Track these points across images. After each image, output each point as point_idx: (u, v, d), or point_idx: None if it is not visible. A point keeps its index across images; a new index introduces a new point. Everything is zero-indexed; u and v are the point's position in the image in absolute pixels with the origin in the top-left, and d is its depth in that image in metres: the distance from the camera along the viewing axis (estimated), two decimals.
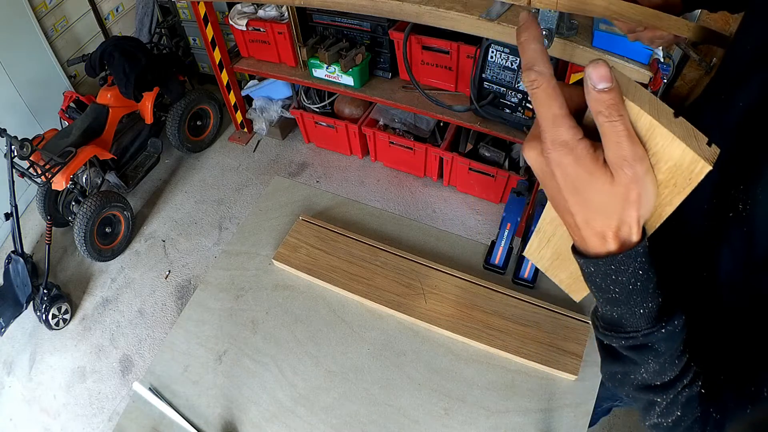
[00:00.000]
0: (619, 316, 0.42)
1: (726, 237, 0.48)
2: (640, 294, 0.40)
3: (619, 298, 0.40)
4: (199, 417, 0.85)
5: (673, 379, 0.43)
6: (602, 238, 0.38)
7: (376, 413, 0.83)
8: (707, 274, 0.52)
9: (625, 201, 0.36)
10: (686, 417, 0.45)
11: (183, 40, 2.98)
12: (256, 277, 1.02)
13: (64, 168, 2.04)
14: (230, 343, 0.93)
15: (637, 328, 0.41)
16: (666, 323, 0.41)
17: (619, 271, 0.39)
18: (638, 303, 0.40)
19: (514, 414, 0.80)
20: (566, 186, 0.37)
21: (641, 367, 0.43)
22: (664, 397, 0.44)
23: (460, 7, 1.56)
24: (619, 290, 0.40)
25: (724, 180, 0.48)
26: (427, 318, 0.91)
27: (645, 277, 0.39)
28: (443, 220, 2.34)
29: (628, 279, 0.39)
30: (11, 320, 2.15)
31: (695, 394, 0.44)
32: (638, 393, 0.46)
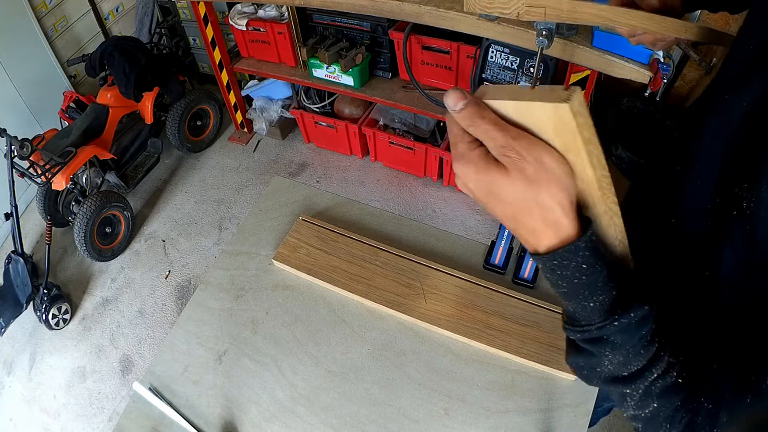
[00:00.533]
0: (573, 310, 0.43)
1: (728, 235, 0.47)
2: (588, 288, 0.40)
3: (569, 293, 0.41)
4: (199, 417, 0.85)
5: (641, 370, 0.43)
6: (534, 234, 0.39)
7: (376, 413, 0.83)
8: (709, 273, 0.52)
9: (527, 184, 0.36)
10: (664, 408, 0.44)
11: (183, 40, 2.98)
12: (256, 277, 1.02)
13: (64, 168, 2.04)
14: (230, 343, 0.93)
15: (590, 322, 0.42)
16: (620, 316, 0.40)
17: (562, 266, 0.39)
18: (587, 297, 0.41)
19: (514, 414, 0.80)
20: (482, 194, 0.39)
21: (602, 359, 0.43)
22: (634, 388, 0.44)
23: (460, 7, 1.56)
24: (566, 285, 0.40)
25: (728, 179, 0.48)
26: (427, 318, 0.91)
27: (591, 270, 0.39)
28: (443, 220, 2.34)
29: (572, 273, 0.39)
30: (11, 320, 2.15)
31: (670, 384, 0.43)
32: (607, 385, 0.46)
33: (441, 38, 1.93)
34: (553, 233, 0.38)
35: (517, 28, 1.49)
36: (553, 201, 0.37)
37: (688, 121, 0.62)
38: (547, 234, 0.38)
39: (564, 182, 0.37)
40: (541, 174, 0.36)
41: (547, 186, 0.37)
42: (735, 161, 0.48)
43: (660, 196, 0.64)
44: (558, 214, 0.37)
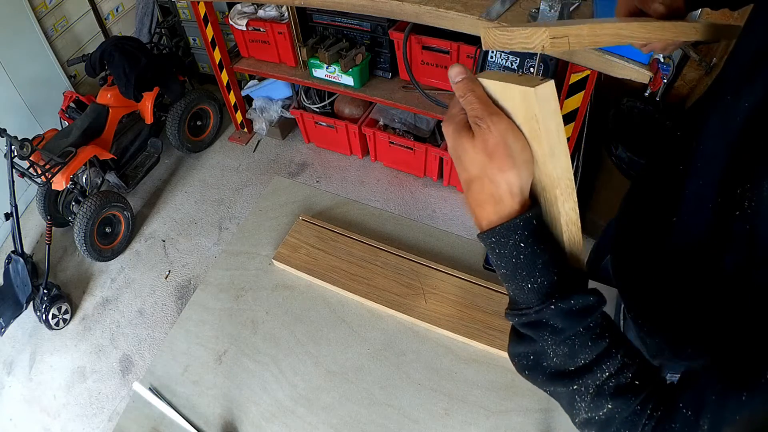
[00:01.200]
0: (513, 293, 0.43)
1: (730, 234, 0.47)
2: (526, 268, 0.41)
3: (507, 273, 0.42)
4: (199, 417, 0.85)
5: (589, 364, 0.42)
6: (480, 206, 0.41)
7: (376, 413, 0.83)
8: (710, 270, 0.52)
9: (484, 154, 0.40)
10: (620, 409, 0.42)
11: (183, 40, 2.98)
12: (256, 277, 1.02)
13: (64, 168, 2.04)
14: (230, 343, 0.93)
15: (528, 304, 0.42)
16: (558, 300, 0.40)
17: (500, 243, 0.41)
18: (524, 278, 0.41)
19: (514, 414, 0.80)
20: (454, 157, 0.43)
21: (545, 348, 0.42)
22: (583, 384, 0.42)
23: (460, 7, 1.56)
24: (504, 264, 0.42)
25: (730, 179, 0.48)
26: (427, 318, 0.91)
27: (529, 251, 0.40)
28: (443, 220, 2.34)
29: (510, 252, 0.41)
30: (11, 320, 2.15)
31: (625, 384, 0.41)
32: (554, 383, 0.44)
33: (441, 38, 1.93)
34: (494, 209, 0.41)
35: None
36: (502, 177, 0.40)
37: (690, 121, 0.62)
38: (490, 208, 0.41)
39: (518, 165, 0.40)
40: (499, 149, 0.39)
41: (500, 161, 0.39)
42: (737, 161, 0.48)
43: (661, 195, 0.64)
44: (503, 190, 0.40)
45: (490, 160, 0.39)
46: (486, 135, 0.39)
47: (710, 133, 0.52)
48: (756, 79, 0.47)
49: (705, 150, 0.53)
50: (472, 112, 0.41)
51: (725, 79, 0.55)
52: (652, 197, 0.68)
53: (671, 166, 0.62)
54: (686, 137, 0.61)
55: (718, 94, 0.53)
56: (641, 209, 0.71)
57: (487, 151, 0.39)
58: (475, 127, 0.40)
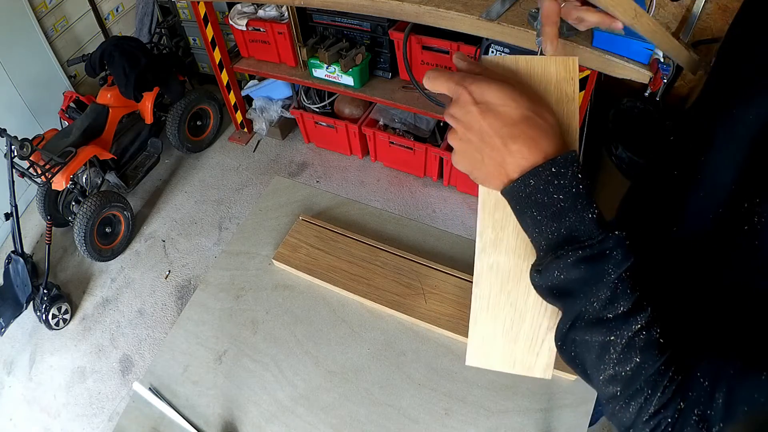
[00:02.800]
0: (568, 229, 0.41)
1: (735, 248, 0.47)
2: (585, 198, 0.41)
3: (566, 206, 0.41)
4: (199, 417, 0.85)
5: (626, 313, 0.41)
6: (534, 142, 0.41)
7: (376, 413, 0.83)
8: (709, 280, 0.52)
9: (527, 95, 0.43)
10: (647, 365, 0.41)
11: (183, 40, 2.98)
12: (256, 277, 1.02)
13: (64, 168, 2.05)
14: (230, 343, 0.93)
15: (590, 235, 0.41)
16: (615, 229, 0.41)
17: (560, 174, 0.40)
18: (585, 207, 0.41)
19: (514, 414, 0.80)
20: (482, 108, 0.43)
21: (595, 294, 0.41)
22: (618, 334, 0.41)
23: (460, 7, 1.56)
24: (563, 196, 0.40)
25: (737, 193, 0.48)
26: (427, 318, 0.91)
27: (584, 182, 0.41)
28: (443, 220, 2.34)
29: (570, 181, 0.40)
30: (11, 320, 2.15)
31: (654, 340, 0.41)
32: (591, 333, 0.42)
33: (441, 38, 1.93)
34: (547, 142, 0.42)
35: (517, 28, 1.49)
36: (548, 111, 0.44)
37: (688, 128, 0.62)
38: (547, 142, 0.41)
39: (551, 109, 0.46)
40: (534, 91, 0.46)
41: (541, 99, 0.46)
42: (745, 176, 0.47)
43: (660, 202, 0.64)
44: (553, 123, 0.43)
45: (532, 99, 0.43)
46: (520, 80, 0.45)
47: (714, 146, 0.52)
48: (764, 92, 0.46)
49: (708, 162, 0.52)
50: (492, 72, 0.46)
51: (727, 87, 0.54)
52: (650, 204, 0.68)
53: (669, 172, 0.62)
54: (685, 145, 0.60)
55: (721, 104, 0.52)
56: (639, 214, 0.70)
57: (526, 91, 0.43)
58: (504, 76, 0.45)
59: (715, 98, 0.56)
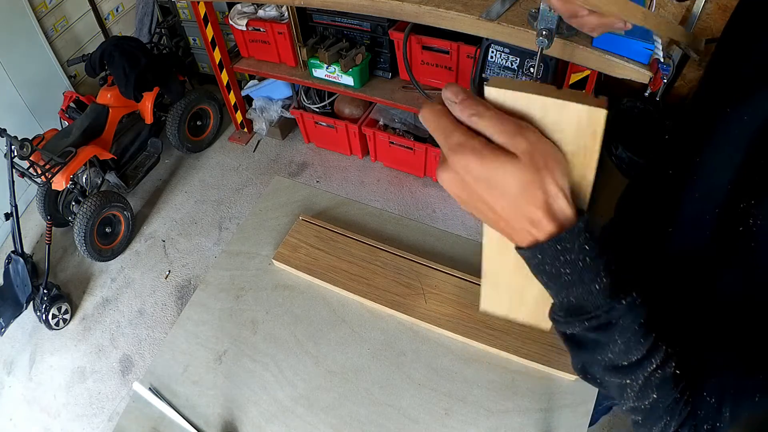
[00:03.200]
0: (576, 299, 0.42)
1: (732, 249, 0.47)
2: (592, 270, 0.40)
3: (573, 279, 0.40)
4: (199, 417, 0.85)
5: (641, 359, 0.42)
6: (537, 223, 0.39)
7: (376, 413, 0.83)
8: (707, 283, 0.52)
9: (534, 169, 0.37)
10: (664, 398, 0.44)
11: (183, 40, 2.98)
12: (256, 277, 1.02)
13: (64, 168, 2.04)
14: (230, 343, 0.93)
15: (597, 306, 0.41)
16: (624, 297, 0.41)
17: (565, 249, 0.39)
18: (592, 279, 0.40)
19: (514, 414, 0.80)
20: (481, 186, 0.38)
21: (608, 348, 0.42)
22: (634, 378, 0.43)
23: (460, 7, 1.56)
24: (570, 270, 0.40)
25: (732, 194, 0.48)
26: (427, 318, 0.91)
27: (593, 253, 0.40)
28: (443, 220, 2.34)
29: (576, 257, 0.39)
30: (11, 320, 2.15)
31: (669, 375, 0.43)
32: (608, 376, 0.44)
33: (441, 38, 1.93)
34: (554, 219, 0.39)
35: (517, 28, 1.49)
36: (557, 187, 0.38)
37: (684, 126, 0.62)
38: (549, 221, 0.39)
39: (566, 172, 0.39)
40: (549, 160, 0.37)
41: (553, 172, 0.38)
42: (741, 177, 0.47)
43: (657, 204, 0.64)
44: (561, 200, 0.38)
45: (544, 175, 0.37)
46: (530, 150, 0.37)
47: (709, 146, 0.52)
48: (759, 93, 0.46)
49: (704, 163, 0.52)
50: (502, 128, 0.37)
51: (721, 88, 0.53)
52: (647, 204, 0.67)
53: (665, 172, 0.62)
54: (681, 144, 0.60)
55: (716, 105, 0.52)
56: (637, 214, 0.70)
57: (536, 165, 0.37)
58: (512, 145, 0.37)
59: (711, 98, 0.55)
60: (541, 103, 0.38)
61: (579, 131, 0.38)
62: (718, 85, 0.55)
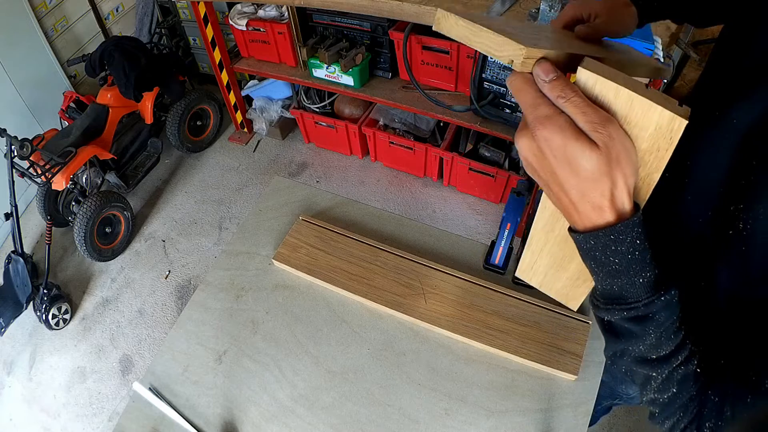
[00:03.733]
0: (619, 288, 0.43)
1: (724, 253, 0.48)
2: (639, 263, 0.42)
3: (620, 269, 0.42)
4: (199, 417, 0.85)
5: (669, 354, 0.44)
6: (599, 209, 0.41)
7: (376, 413, 0.83)
8: (704, 284, 0.52)
9: (609, 161, 0.39)
10: (682, 394, 0.45)
11: (183, 40, 2.98)
12: (256, 277, 1.02)
13: (64, 168, 2.04)
14: (230, 343, 0.93)
15: (638, 298, 0.43)
16: (664, 292, 0.42)
17: (618, 240, 0.41)
18: (637, 272, 0.42)
19: (514, 414, 0.80)
20: (557, 161, 0.40)
21: (641, 340, 0.44)
22: (660, 372, 0.45)
23: (460, 7, 1.56)
24: (618, 260, 0.42)
25: (723, 196, 0.48)
26: (427, 318, 0.91)
27: (642, 247, 0.42)
28: (443, 220, 2.34)
29: (627, 248, 0.41)
30: (11, 320, 2.15)
31: (691, 372, 0.44)
32: (636, 366, 0.46)
33: (441, 38, 1.93)
34: (614, 210, 0.41)
35: None
36: (624, 182, 0.40)
37: None
38: (610, 211, 0.41)
39: (635, 170, 0.41)
40: (623, 157, 0.39)
41: (624, 168, 0.39)
42: (731, 179, 0.47)
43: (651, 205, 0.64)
44: (624, 194, 0.40)
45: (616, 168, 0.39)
46: (609, 144, 0.38)
47: (702, 149, 0.52)
48: (751, 97, 0.46)
49: (696, 165, 0.53)
50: (585, 117, 0.39)
51: (715, 92, 0.53)
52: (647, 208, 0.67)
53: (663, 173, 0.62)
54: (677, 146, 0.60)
55: (709, 106, 0.52)
56: None
57: (611, 158, 0.39)
58: (595, 135, 0.39)
59: (704, 100, 0.56)
60: (629, 97, 0.39)
61: (657, 133, 0.40)
62: (711, 87, 0.55)
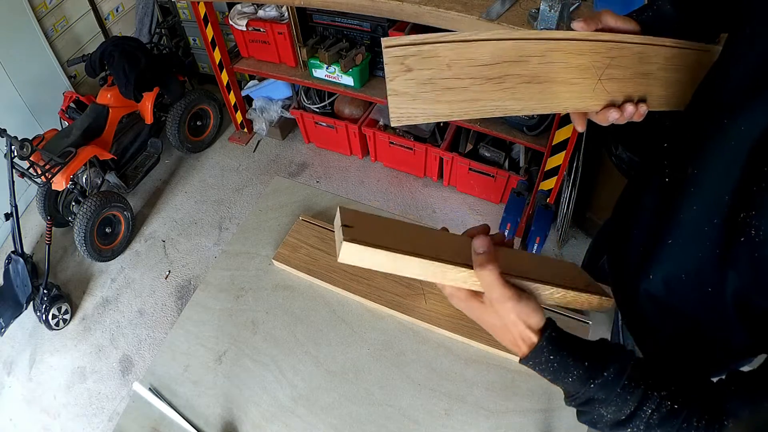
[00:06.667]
0: (563, 386, 0.53)
1: (734, 259, 0.48)
2: (563, 369, 0.51)
3: (553, 378, 0.52)
4: (199, 417, 0.85)
5: (635, 410, 0.48)
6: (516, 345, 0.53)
7: (376, 413, 0.83)
8: (712, 290, 0.52)
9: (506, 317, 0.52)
10: None
11: (183, 40, 2.98)
12: (256, 277, 1.02)
13: (64, 168, 2.04)
14: (230, 343, 0.93)
15: (576, 391, 0.51)
16: (594, 379, 0.49)
17: (537, 361, 0.52)
18: (565, 375, 0.51)
19: (514, 414, 0.80)
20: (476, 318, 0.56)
21: (601, 412, 0.50)
22: (636, 425, 0.49)
23: (460, 7, 1.56)
24: (547, 373, 0.52)
25: (732, 204, 0.48)
26: (427, 318, 0.91)
27: (558, 358, 0.51)
28: (443, 220, 2.34)
29: (546, 365, 0.51)
30: (11, 320, 2.15)
31: (665, 413, 0.47)
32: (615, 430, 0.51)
33: None
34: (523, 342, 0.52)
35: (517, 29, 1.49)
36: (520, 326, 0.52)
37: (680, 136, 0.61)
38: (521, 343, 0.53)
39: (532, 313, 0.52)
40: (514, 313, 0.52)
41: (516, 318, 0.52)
42: (741, 186, 0.47)
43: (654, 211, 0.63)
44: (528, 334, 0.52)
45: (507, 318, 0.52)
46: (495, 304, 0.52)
47: (706, 158, 0.52)
48: (754, 105, 0.46)
49: (702, 174, 0.52)
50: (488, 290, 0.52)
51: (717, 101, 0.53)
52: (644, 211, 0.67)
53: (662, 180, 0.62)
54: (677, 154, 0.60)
55: (712, 116, 0.52)
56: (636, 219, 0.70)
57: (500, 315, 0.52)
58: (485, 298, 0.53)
59: (707, 107, 0.55)
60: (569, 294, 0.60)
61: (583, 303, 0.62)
62: (714, 94, 0.55)
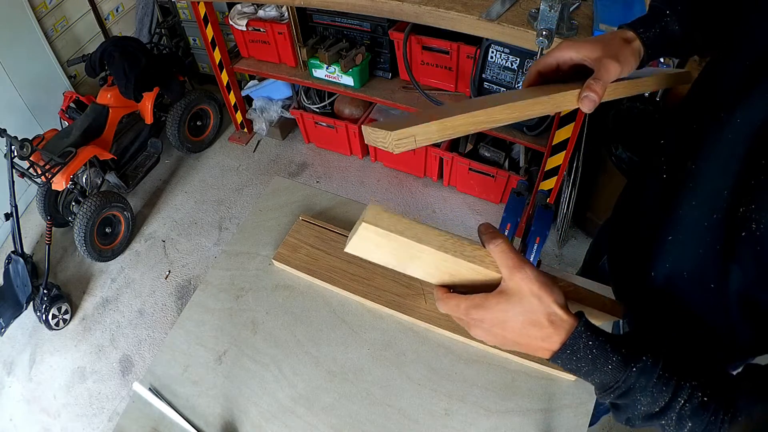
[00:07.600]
0: (599, 379, 0.50)
1: (736, 255, 0.48)
2: (602, 356, 0.48)
3: (591, 369, 0.49)
4: (199, 417, 0.85)
5: (668, 402, 0.47)
6: (548, 338, 0.49)
7: (376, 413, 0.83)
8: (714, 286, 0.52)
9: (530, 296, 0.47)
10: (698, 424, 0.47)
11: (183, 40, 2.98)
12: (256, 277, 1.02)
13: (64, 168, 2.04)
14: (230, 343, 0.93)
15: (615, 380, 0.48)
16: (635, 364, 0.47)
17: (575, 352, 0.48)
18: (605, 363, 0.48)
19: (514, 414, 0.80)
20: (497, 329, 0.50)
21: (638, 404, 0.49)
22: (668, 418, 0.48)
23: (460, 7, 1.56)
24: (585, 363, 0.49)
25: (732, 198, 0.48)
26: (427, 318, 0.91)
27: (597, 343, 0.48)
28: (443, 220, 2.34)
29: (585, 353, 0.48)
30: (11, 320, 2.15)
31: (697, 405, 0.46)
32: (646, 422, 0.50)
33: (441, 38, 1.93)
34: (560, 330, 0.48)
35: (517, 29, 1.49)
36: (553, 303, 0.48)
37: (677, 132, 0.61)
38: (557, 333, 0.48)
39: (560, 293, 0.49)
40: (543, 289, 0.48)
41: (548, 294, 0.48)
42: (740, 180, 0.47)
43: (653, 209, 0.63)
44: (561, 313, 0.48)
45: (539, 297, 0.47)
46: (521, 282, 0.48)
47: (706, 153, 0.52)
48: (751, 98, 0.46)
49: (700, 170, 0.52)
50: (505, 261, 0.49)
51: (714, 95, 0.53)
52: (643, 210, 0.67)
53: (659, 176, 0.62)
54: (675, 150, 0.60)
55: (709, 110, 0.52)
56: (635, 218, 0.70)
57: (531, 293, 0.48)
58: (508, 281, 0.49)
59: (703, 102, 0.55)
60: None
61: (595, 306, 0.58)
62: (711, 88, 0.55)
